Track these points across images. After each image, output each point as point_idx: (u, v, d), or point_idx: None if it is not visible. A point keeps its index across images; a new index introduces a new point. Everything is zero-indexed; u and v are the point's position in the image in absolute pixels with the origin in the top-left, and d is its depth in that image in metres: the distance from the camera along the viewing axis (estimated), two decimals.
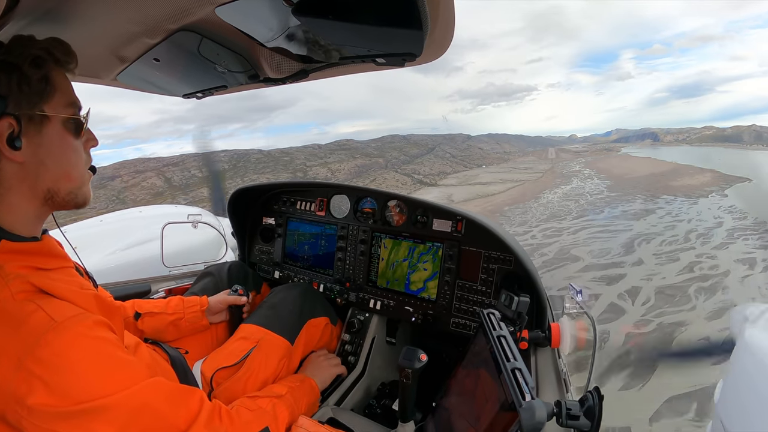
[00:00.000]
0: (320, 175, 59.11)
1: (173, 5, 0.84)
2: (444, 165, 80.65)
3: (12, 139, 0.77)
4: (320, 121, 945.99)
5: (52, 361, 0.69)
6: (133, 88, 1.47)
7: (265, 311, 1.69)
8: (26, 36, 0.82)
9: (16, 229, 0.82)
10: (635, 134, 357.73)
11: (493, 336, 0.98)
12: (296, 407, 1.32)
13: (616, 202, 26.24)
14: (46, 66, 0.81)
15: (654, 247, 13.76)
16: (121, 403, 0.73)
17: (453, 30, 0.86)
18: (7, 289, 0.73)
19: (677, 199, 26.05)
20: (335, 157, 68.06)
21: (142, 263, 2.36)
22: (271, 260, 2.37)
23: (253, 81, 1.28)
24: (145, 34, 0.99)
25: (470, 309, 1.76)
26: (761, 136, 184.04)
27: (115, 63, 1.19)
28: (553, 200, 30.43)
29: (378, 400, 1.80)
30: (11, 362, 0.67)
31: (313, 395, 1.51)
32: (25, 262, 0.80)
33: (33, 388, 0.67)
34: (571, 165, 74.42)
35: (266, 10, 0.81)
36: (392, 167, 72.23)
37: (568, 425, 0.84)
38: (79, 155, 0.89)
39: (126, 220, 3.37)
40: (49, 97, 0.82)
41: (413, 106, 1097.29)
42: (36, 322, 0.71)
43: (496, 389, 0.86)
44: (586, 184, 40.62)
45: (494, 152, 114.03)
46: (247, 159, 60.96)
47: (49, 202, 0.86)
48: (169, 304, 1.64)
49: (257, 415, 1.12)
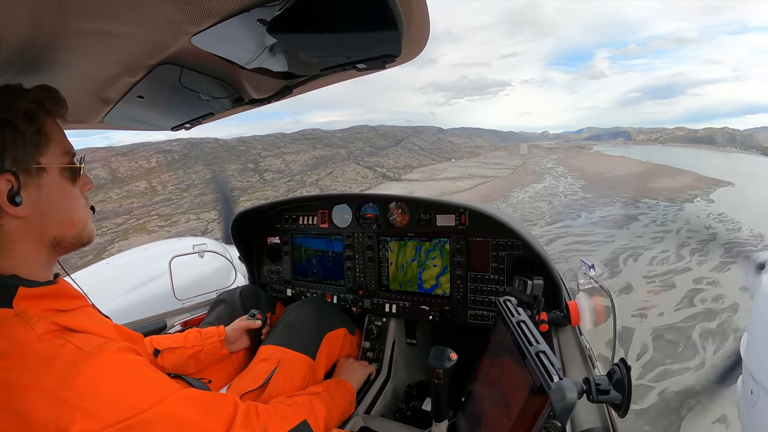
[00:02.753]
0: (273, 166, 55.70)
1: (149, 42, 0.85)
2: (411, 158, 77.31)
3: (12, 196, 0.77)
4: (294, 110, 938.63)
5: (87, 388, 0.70)
6: (121, 128, 1.48)
7: (282, 330, 1.69)
8: (14, 86, 0.82)
9: (30, 275, 0.83)
10: (607, 132, 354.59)
11: (512, 323, 0.97)
12: (333, 405, 1.33)
13: (593, 205, 23.55)
14: (38, 118, 0.81)
15: (643, 266, 11.22)
16: (158, 417, 0.75)
17: (429, 26, 0.86)
18: (33, 332, 0.73)
19: (660, 203, 23.08)
20: (294, 147, 64.43)
21: (154, 300, 2.36)
22: (282, 279, 2.37)
23: (238, 104, 1.29)
24: (126, 74, 1.00)
25: (486, 299, 1.76)
26: (734, 139, 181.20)
27: (100, 106, 1.20)
28: (523, 200, 28.02)
29: (407, 402, 1.79)
30: (48, 399, 0.68)
31: (348, 395, 1.53)
32: (46, 305, 0.80)
33: (73, 418, 0.68)
34: (544, 162, 69.66)
35: (241, 32, 0.81)
36: (354, 159, 68.57)
37: (599, 401, 0.83)
38: (78, 200, 0.90)
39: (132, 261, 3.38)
40: (45, 149, 0.82)
41: (387, 97, 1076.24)
42: (66, 355, 0.72)
43: (523, 375, 0.86)
44: (559, 183, 37.70)
45: (465, 146, 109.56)
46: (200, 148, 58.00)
47: (57, 248, 0.87)
48: (187, 337, 1.64)
49: (294, 409, 1.14)
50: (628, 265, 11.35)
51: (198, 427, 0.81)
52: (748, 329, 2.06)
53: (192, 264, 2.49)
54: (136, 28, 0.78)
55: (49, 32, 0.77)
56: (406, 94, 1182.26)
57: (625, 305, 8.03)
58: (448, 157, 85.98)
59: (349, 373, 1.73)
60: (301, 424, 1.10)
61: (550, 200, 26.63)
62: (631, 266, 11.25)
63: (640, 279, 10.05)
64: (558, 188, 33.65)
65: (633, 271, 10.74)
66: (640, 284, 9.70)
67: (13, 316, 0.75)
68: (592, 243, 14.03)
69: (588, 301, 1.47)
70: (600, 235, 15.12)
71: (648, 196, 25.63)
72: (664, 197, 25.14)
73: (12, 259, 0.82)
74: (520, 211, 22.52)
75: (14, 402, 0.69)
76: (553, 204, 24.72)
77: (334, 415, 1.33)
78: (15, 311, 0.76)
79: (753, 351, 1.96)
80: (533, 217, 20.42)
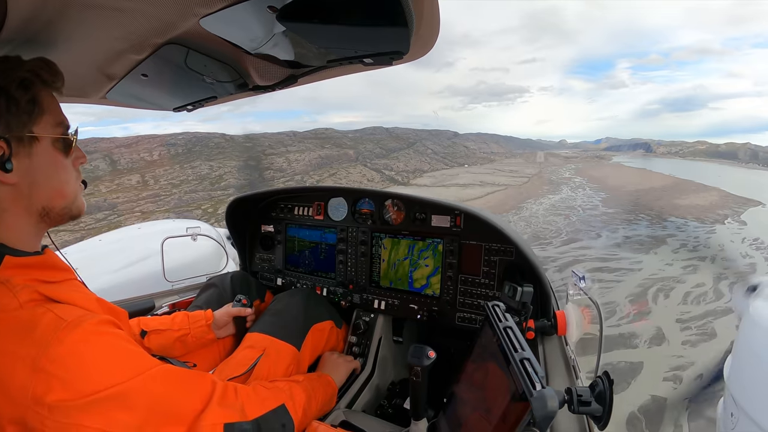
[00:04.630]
0: (276, 164, 54.35)
1: (157, 20, 0.84)
2: (422, 162, 75.59)
3: (3, 162, 0.78)
4: (312, 110, 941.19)
5: (66, 358, 0.71)
6: (123, 105, 1.47)
7: (269, 318, 1.69)
8: (13, 57, 0.82)
9: (17, 245, 0.83)
10: (627, 144, 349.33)
11: (499, 328, 0.98)
12: (313, 395, 1.33)
13: (615, 222, 21.23)
14: (33, 88, 0.81)
15: (675, 304, 9.19)
16: (135, 389, 0.76)
17: (439, 25, 0.86)
18: (16, 300, 0.74)
19: (688, 223, 21.17)
20: (302, 146, 62.70)
21: (144, 280, 2.36)
22: (273, 268, 2.37)
23: (242, 90, 1.28)
24: (132, 51, 0.99)
25: (475, 303, 1.77)
26: (757, 155, 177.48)
27: (104, 81, 1.19)
28: (537, 213, 25.32)
29: (389, 399, 1.80)
30: (26, 366, 0.69)
31: (330, 389, 1.52)
32: (32, 276, 0.81)
33: (50, 386, 0.69)
34: (561, 171, 66.43)
35: (250, 18, 0.81)
36: (362, 161, 66.91)
37: (580, 412, 0.84)
38: (69, 172, 0.90)
39: (125, 239, 3.37)
40: (38, 119, 0.82)
41: (403, 100, 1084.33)
42: (46, 324, 0.73)
43: (506, 380, 0.86)
44: (577, 194, 35.31)
45: (480, 152, 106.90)
46: (205, 143, 56.60)
47: (45, 219, 0.88)
48: (175, 320, 1.64)
49: (274, 393, 1.15)
50: (659, 302, 9.52)
51: (174, 402, 0.82)
52: (733, 352, 2.08)
53: (184, 246, 2.48)
54: (145, 5, 0.78)
55: (56, 5, 0.76)
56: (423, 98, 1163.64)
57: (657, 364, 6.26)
58: (461, 163, 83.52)
59: (333, 367, 1.73)
60: (279, 407, 1.11)
61: (566, 214, 24.21)
62: (661, 304, 9.40)
63: (673, 324, 8.04)
64: (576, 201, 31.32)
65: (664, 312, 8.87)
66: (674, 331, 7.74)
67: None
68: (616, 270, 11.91)
69: (576, 311, 1.48)
70: (625, 261, 12.96)
71: (675, 214, 23.35)
72: (693, 216, 23.01)
73: (0, 228, 0.82)
74: (533, 226, 19.89)
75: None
76: (571, 219, 22.21)
77: (314, 405, 1.33)
78: (0, 279, 0.77)
79: (736, 374, 1.98)
80: (548, 234, 17.74)
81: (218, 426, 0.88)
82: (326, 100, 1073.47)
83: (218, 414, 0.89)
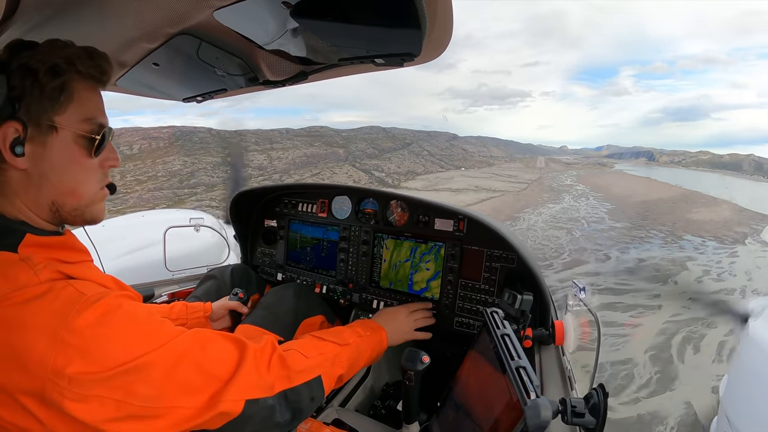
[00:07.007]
0: (255, 162, 51.36)
1: (171, 10, 0.84)
2: (416, 164, 72.04)
3: (15, 144, 0.76)
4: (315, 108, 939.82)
5: (86, 330, 0.71)
6: (133, 92, 1.47)
7: (261, 311, 1.69)
8: (60, 41, 0.80)
9: (38, 225, 0.83)
10: (629, 151, 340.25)
11: (497, 335, 0.97)
12: (358, 359, 1.25)
13: (624, 239, 18.36)
14: (64, 75, 0.79)
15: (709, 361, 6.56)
16: (157, 361, 0.75)
17: (451, 29, 0.86)
18: (37, 278, 0.74)
19: (707, 243, 18.12)
20: (289, 144, 59.87)
21: (145, 268, 2.37)
22: (274, 262, 2.37)
23: (252, 84, 1.29)
24: (144, 39, 0.99)
25: (474, 308, 1.76)
26: (761, 167, 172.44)
27: (115, 68, 1.19)
28: (536, 225, 21.41)
29: (382, 400, 1.79)
30: (46, 337, 0.69)
31: (379, 349, 1.39)
32: (52, 255, 0.80)
33: (70, 358, 0.68)
34: (562, 177, 61.86)
35: (265, 12, 0.81)
36: (351, 160, 63.68)
37: (573, 423, 0.83)
38: (89, 173, 0.87)
39: (128, 226, 3.38)
40: (63, 109, 0.80)
41: (404, 101, 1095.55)
42: (68, 297, 0.73)
43: (500, 388, 0.86)
44: (580, 204, 31.14)
45: (479, 155, 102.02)
46: (189, 138, 54.34)
47: (56, 214, 0.85)
48: (173, 309, 1.64)
49: (314, 363, 1.07)
50: (686, 358, 6.64)
51: (198, 372, 0.80)
52: (730, 372, 2.07)
53: (187, 237, 2.49)
54: None
55: None
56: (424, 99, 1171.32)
57: None
58: (458, 166, 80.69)
59: (396, 327, 1.55)
60: (314, 380, 1.04)
61: (569, 228, 20.80)
62: (689, 362, 6.55)
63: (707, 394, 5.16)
64: (579, 211, 27.38)
65: (693, 375, 6.07)
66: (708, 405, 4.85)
67: (18, 260, 0.76)
68: (630, 307, 8.92)
69: (575, 322, 1.47)
70: (640, 295, 9.82)
71: (690, 232, 20.66)
72: (710, 234, 20.29)
73: (17, 208, 0.81)
74: (532, 241, 16.95)
75: (11, 338, 0.69)
76: (574, 235, 19.07)
77: (354, 371, 1.24)
78: (20, 256, 0.76)
79: (731, 394, 1.97)
80: (548, 253, 14.76)
81: (239, 402, 0.84)
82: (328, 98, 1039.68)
83: (242, 388, 0.85)
